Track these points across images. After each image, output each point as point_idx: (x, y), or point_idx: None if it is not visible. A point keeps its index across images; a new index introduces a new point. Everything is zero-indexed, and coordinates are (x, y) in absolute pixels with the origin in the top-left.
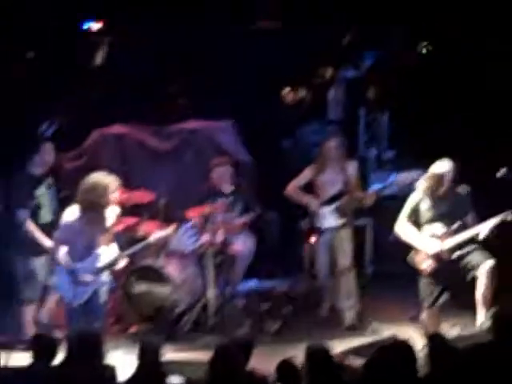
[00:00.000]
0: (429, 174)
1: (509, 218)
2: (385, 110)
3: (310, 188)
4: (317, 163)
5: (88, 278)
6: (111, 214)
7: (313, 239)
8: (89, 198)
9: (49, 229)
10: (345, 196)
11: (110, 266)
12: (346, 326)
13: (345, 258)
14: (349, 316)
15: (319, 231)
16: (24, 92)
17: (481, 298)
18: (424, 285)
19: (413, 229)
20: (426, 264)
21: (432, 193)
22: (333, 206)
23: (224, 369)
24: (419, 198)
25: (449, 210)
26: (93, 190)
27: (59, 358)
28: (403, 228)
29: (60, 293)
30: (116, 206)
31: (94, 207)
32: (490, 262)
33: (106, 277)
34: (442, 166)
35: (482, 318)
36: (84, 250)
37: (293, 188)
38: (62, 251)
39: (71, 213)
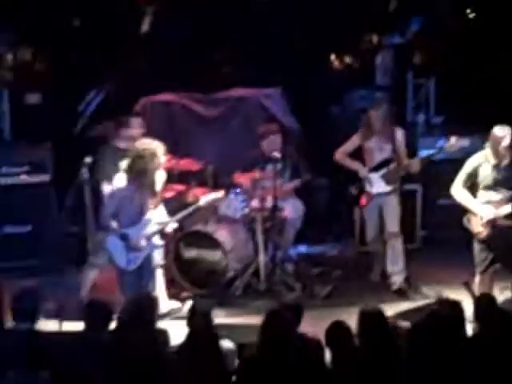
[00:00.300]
0: (489, 138)
1: None
2: (432, 75)
3: (358, 153)
4: (363, 130)
5: (140, 242)
6: (159, 178)
7: (364, 201)
8: (136, 165)
9: None
10: (392, 163)
11: (161, 230)
12: (393, 290)
13: (393, 224)
14: (397, 280)
15: (369, 195)
16: (70, 61)
17: None
18: (478, 250)
19: (468, 193)
20: (480, 228)
21: (493, 157)
22: (381, 173)
23: (275, 332)
24: (478, 162)
25: (507, 177)
26: (140, 156)
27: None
28: (459, 191)
29: (114, 259)
30: (163, 171)
31: (141, 174)
32: None
33: (157, 241)
34: (501, 130)
35: None
36: (135, 215)
37: (341, 154)
38: (114, 218)
39: (119, 180)
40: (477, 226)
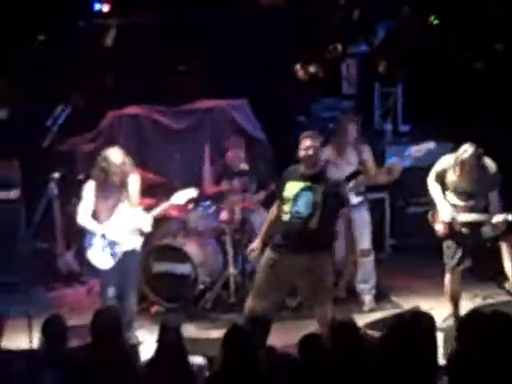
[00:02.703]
0: (454, 161)
1: None
2: (398, 83)
3: None
4: (335, 144)
5: (114, 237)
6: (133, 181)
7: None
8: (99, 169)
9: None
10: (360, 175)
11: (137, 228)
12: (365, 310)
13: (364, 241)
14: (367, 299)
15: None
16: (36, 76)
17: (509, 268)
18: (445, 248)
19: (439, 189)
20: (439, 226)
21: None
22: (349, 185)
23: (235, 346)
24: (448, 165)
25: (472, 187)
26: (101, 161)
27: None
28: (433, 184)
29: (91, 259)
30: (135, 175)
31: (106, 176)
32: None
33: (134, 240)
34: (467, 152)
35: None
36: (107, 215)
37: None
38: (88, 219)
39: (89, 186)
40: (437, 222)
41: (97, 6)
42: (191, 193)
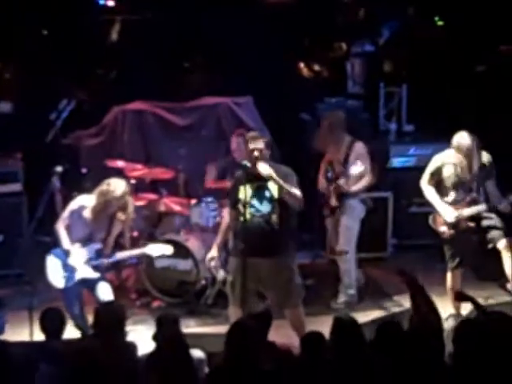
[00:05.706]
0: (456, 149)
1: None
2: (403, 83)
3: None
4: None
5: (76, 264)
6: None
7: None
8: (101, 202)
9: None
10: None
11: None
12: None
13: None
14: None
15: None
16: (40, 70)
17: (510, 272)
18: (447, 250)
19: (434, 191)
20: (444, 228)
21: (460, 164)
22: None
23: (238, 342)
24: (442, 161)
25: (470, 178)
26: (105, 195)
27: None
28: (426, 188)
29: (48, 273)
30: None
31: (102, 210)
32: (505, 239)
33: (94, 272)
34: (466, 138)
35: None
36: (82, 239)
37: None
38: (64, 232)
39: (85, 201)
40: (440, 225)
41: (101, 1)
42: (166, 249)
